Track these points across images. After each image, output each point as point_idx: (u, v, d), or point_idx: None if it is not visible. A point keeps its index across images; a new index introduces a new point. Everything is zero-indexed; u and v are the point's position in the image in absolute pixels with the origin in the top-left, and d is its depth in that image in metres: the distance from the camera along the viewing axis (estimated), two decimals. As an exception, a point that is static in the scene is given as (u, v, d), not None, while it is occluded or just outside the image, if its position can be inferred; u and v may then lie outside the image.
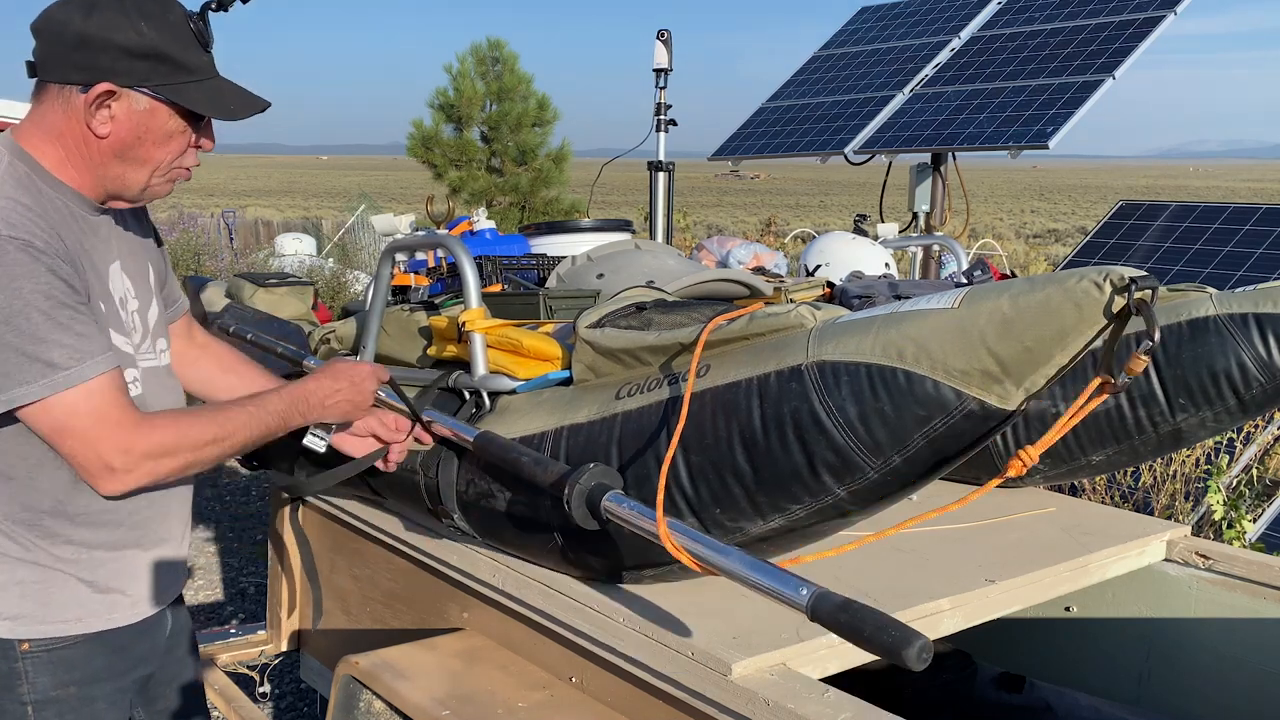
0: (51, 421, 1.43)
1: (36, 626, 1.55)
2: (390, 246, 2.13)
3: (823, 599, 1.20)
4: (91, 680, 1.61)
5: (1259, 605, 2.03)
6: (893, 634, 1.12)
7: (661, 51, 4.82)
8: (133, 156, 1.53)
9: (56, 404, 1.42)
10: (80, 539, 1.57)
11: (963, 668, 2.32)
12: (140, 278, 1.68)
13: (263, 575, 4.81)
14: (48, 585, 1.56)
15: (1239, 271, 4.74)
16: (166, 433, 1.50)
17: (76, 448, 1.44)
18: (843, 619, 1.17)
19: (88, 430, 1.43)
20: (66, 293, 1.43)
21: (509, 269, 2.64)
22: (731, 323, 1.54)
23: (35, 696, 1.57)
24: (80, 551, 1.57)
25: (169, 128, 1.53)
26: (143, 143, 1.52)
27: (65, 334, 1.41)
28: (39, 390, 1.40)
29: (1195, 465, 3.99)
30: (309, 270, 10.23)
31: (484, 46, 13.12)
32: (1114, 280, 1.20)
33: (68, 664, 1.58)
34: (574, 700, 1.72)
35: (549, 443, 1.70)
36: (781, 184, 78.44)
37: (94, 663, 1.61)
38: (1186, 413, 2.02)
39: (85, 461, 1.45)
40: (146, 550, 1.66)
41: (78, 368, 1.42)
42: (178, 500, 1.71)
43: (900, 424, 1.32)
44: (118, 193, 1.57)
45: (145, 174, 1.55)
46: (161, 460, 1.49)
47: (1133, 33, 5.19)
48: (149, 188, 1.58)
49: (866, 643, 1.14)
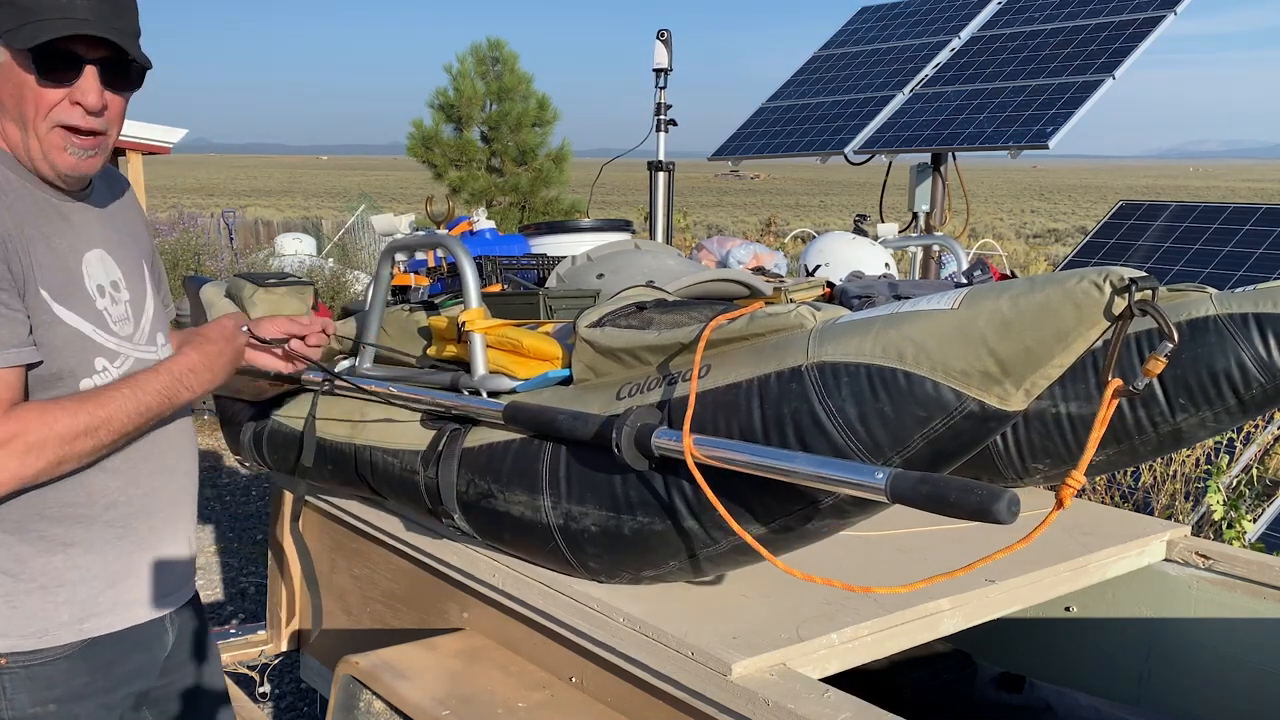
0: None
1: (11, 640, 1.49)
2: (390, 246, 2.13)
3: (900, 478, 1.22)
4: (72, 698, 1.54)
5: (1259, 605, 2.03)
6: (978, 494, 1.14)
7: (661, 51, 4.82)
8: (13, 115, 1.45)
9: None
10: (54, 537, 1.50)
11: (963, 668, 2.32)
12: (133, 271, 1.64)
13: (263, 575, 4.81)
14: (19, 595, 1.49)
15: (1239, 271, 4.74)
16: (29, 427, 1.38)
17: None
18: (925, 490, 1.19)
19: None
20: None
21: (509, 269, 2.64)
22: (732, 322, 1.54)
23: (13, 714, 1.50)
24: (54, 556, 1.50)
25: (20, 79, 1.42)
26: (13, 100, 1.44)
27: None
28: None
29: (1195, 465, 3.99)
30: (309, 270, 10.23)
31: (484, 46, 13.12)
32: (1114, 281, 1.20)
33: (47, 681, 1.51)
34: (574, 700, 1.72)
35: (549, 444, 1.70)
36: (781, 184, 78.44)
37: (75, 680, 1.54)
38: (1186, 413, 2.02)
39: None
40: (130, 552, 1.58)
41: None
42: (163, 498, 1.63)
43: (900, 425, 1.32)
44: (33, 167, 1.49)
45: (29, 137, 1.46)
46: (26, 458, 1.38)
47: (1133, 33, 5.19)
48: (47, 154, 1.47)
49: (954, 507, 1.16)
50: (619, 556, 1.63)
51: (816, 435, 1.36)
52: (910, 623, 1.68)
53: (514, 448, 1.74)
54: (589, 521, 1.62)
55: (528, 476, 1.70)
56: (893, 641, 1.66)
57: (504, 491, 1.74)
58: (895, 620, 1.65)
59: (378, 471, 2.01)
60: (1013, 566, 1.87)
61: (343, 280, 10.00)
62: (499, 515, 1.76)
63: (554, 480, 1.66)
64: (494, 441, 1.78)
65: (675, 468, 1.50)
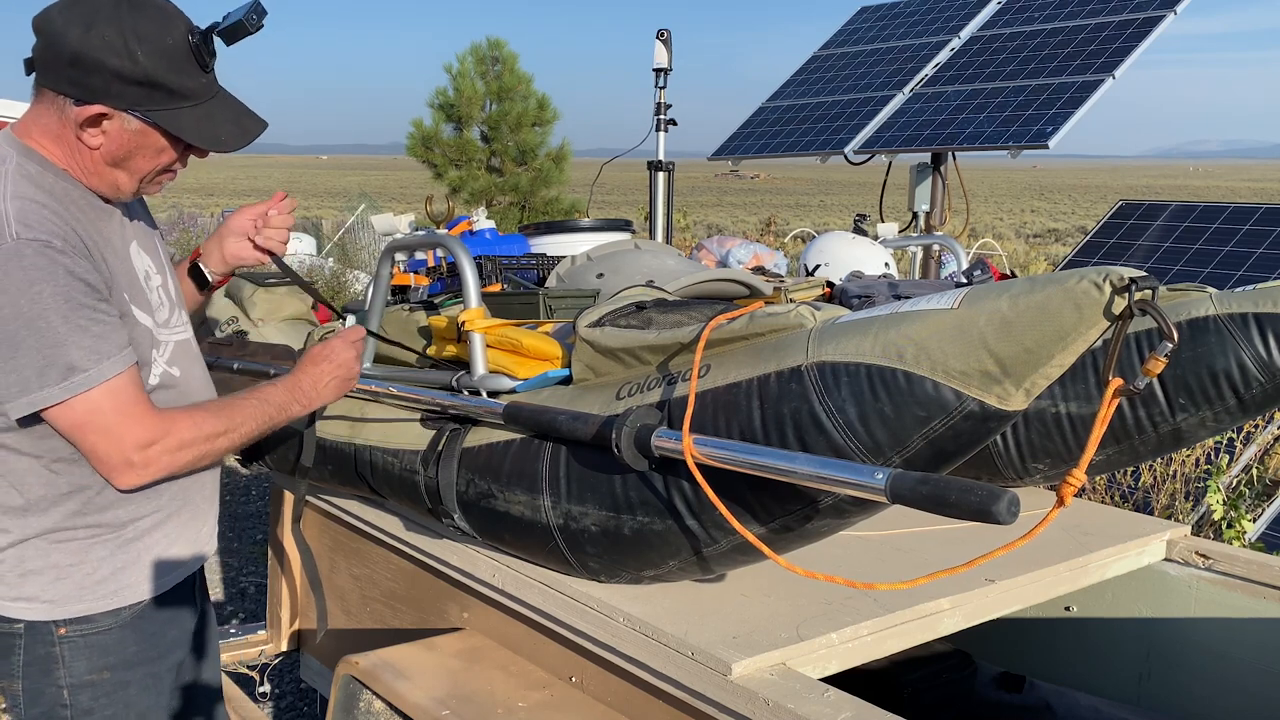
0: (73, 419, 1.46)
1: (73, 606, 1.59)
2: (390, 246, 2.13)
3: (899, 478, 1.22)
4: (125, 665, 1.65)
5: (1259, 605, 2.03)
6: (978, 494, 1.14)
7: (661, 51, 4.82)
8: (124, 166, 1.56)
9: (79, 403, 1.46)
10: (116, 519, 1.60)
11: (963, 668, 2.32)
12: (157, 256, 1.73)
13: (263, 575, 4.81)
14: (82, 566, 1.59)
15: (1239, 271, 4.74)
16: (183, 428, 1.54)
17: (98, 443, 1.48)
18: (925, 490, 1.18)
19: (110, 427, 1.47)
20: (85, 292, 1.46)
21: (509, 269, 2.64)
22: (732, 322, 1.54)
23: (71, 680, 1.61)
24: (114, 530, 1.60)
25: (159, 144, 1.55)
26: (133, 157, 1.55)
27: (83, 335, 1.44)
28: (59, 393, 1.44)
29: (1195, 465, 3.99)
30: (309, 270, 10.23)
31: (484, 46, 13.12)
32: (1114, 281, 1.20)
33: (102, 649, 1.62)
34: (574, 700, 1.72)
35: (549, 444, 1.70)
36: (781, 184, 78.43)
37: (127, 648, 1.65)
38: (1186, 413, 2.02)
39: (106, 456, 1.49)
40: (181, 522, 1.70)
41: (96, 369, 1.45)
42: (211, 472, 1.77)
43: (900, 425, 1.32)
44: (108, 194, 1.59)
45: (135, 181, 1.58)
46: (177, 454, 1.54)
47: (1133, 33, 5.19)
48: (138, 191, 1.61)
49: (954, 508, 1.15)
50: (619, 556, 1.63)
51: (816, 435, 1.36)
52: (910, 622, 1.68)
53: (514, 447, 1.74)
54: (589, 521, 1.62)
55: (528, 476, 1.70)
56: (893, 641, 1.66)
57: (504, 491, 1.74)
58: (895, 620, 1.65)
59: (378, 471, 2.01)
60: (1013, 566, 1.87)
61: (343, 280, 10.00)
62: (499, 515, 1.76)
63: (554, 480, 1.66)
64: (494, 441, 1.78)
65: (675, 468, 1.50)
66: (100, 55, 1.44)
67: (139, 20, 1.47)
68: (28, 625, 1.59)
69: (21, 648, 1.60)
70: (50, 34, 1.46)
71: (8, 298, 1.40)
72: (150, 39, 1.47)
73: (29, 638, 1.59)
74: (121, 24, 1.45)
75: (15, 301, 1.40)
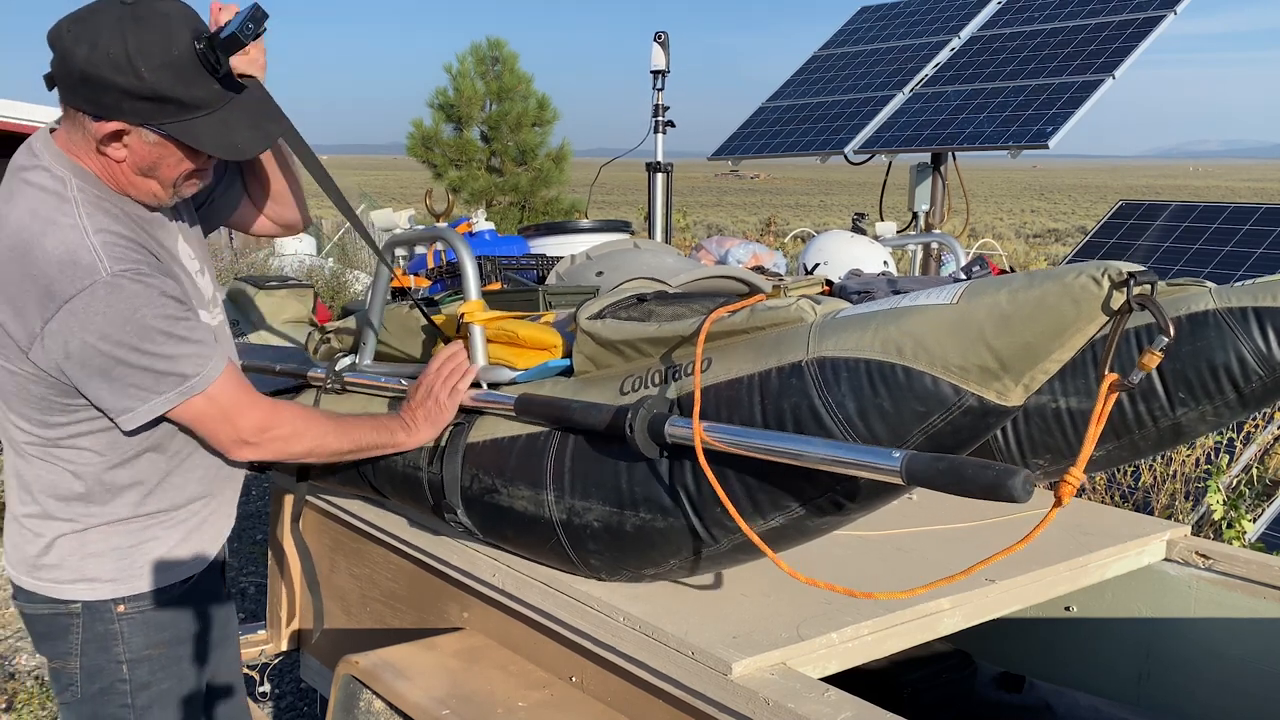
0: (193, 415, 1.62)
1: (132, 583, 1.70)
2: (390, 241, 2.13)
3: (914, 459, 1.23)
4: (179, 640, 1.77)
5: (1259, 605, 2.03)
6: (993, 472, 1.15)
7: (659, 53, 4.82)
8: (153, 175, 1.59)
9: (194, 403, 1.60)
10: (173, 503, 1.73)
11: (963, 668, 2.32)
12: (198, 243, 1.80)
13: (263, 575, 4.81)
14: (140, 547, 1.71)
15: (1239, 271, 4.74)
16: (298, 420, 1.72)
17: (218, 429, 1.64)
18: (941, 468, 1.19)
19: (227, 414, 1.63)
20: (178, 308, 1.56)
21: (509, 269, 2.64)
22: (732, 315, 1.53)
23: (130, 655, 1.71)
24: (168, 514, 1.73)
25: (180, 154, 1.57)
26: (159, 167, 1.58)
27: (187, 345, 1.56)
28: (175, 399, 1.58)
29: (1195, 465, 3.99)
30: (309, 270, 10.24)
31: (484, 46, 13.13)
32: (1112, 276, 1.19)
33: (158, 624, 1.74)
34: (574, 700, 1.72)
35: (555, 438, 1.70)
36: (781, 184, 78.45)
37: (180, 624, 1.77)
38: (1186, 407, 2.02)
39: (225, 439, 1.66)
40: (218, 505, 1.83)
41: (204, 372, 1.59)
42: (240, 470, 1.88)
43: (899, 420, 1.31)
44: (149, 203, 1.64)
45: (169, 188, 1.62)
46: (291, 442, 1.71)
47: (1133, 33, 5.19)
48: (175, 194, 1.64)
49: (970, 485, 1.16)
50: (621, 553, 1.63)
51: (816, 430, 1.36)
52: (910, 622, 1.68)
53: (519, 443, 1.74)
54: (592, 517, 1.62)
55: (532, 471, 1.70)
56: (893, 641, 1.66)
57: (507, 486, 1.73)
58: (895, 620, 1.65)
59: (379, 468, 2.01)
60: (1012, 566, 1.87)
61: (343, 280, 10.00)
62: (502, 511, 1.76)
63: (558, 475, 1.66)
64: (498, 436, 1.78)
65: (681, 463, 1.50)
66: (107, 74, 1.44)
67: (143, 34, 1.44)
68: (85, 605, 1.68)
69: (80, 626, 1.69)
70: (61, 51, 1.46)
71: (115, 326, 1.50)
72: (154, 54, 1.45)
73: (87, 617, 1.68)
74: (125, 40, 1.43)
75: (122, 329, 1.50)
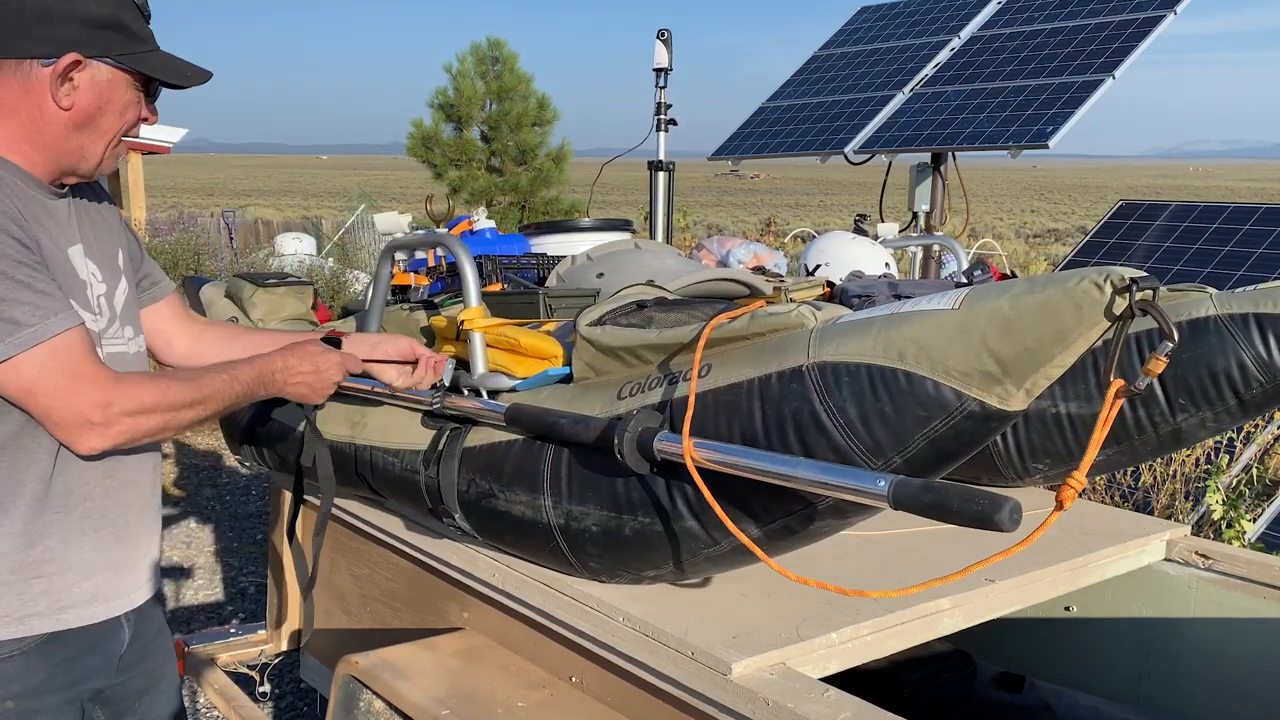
0: (21, 381, 1.39)
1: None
2: (390, 245, 2.13)
3: (902, 485, 1.22)
4: (32, 694, 1.54)
5: (1259, 605, 2.03)
6: (980, 502, 1.14)
7: (661, 51, 4.82)
8: (92, 127, 1.54)
9: (24, 362, 1.38)
10: (32, 531, 1.51)
11: (963, 667, 2.32)
12: (108, 261, 1.65)
13: (263, 575, 4.81)
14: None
15: (1239, 271, 4.74)
16: (146, 390, 1.47)
17: (51, 405, 1.41)
18: (928, 498, 1.19)
19: (61, 387, 1.40)
20: (23, 253, 1.41)
21: (509, 268, 2.64)
22: (733, 321, 1.54)
23: None
24: (32, 548, 1.51)
25: (127, 98, 1.55)
26: (103, 113, 1.54)
27: (26, 292, 1.39)
28: (4, 349, 1.37)
29: (1195, 465, 3.99)
30: (309, 270, 10.23)
31: (484, 46, 13.13)
32: (1114, 281, 1.19)
33: (6, 677, 1.52)
34: (574, 700, 1.72)
35: (551, 444, 1.70)
36: (781, 184, 78.43)
37: (34, 676, 1.54)
38: (1186, 413, 2.02)
39: (61, 418, 1.41)
40: (100, 546, 1.59)
41: (41, 324, 1.39)
42: (136, 491, 1.65)
43: (901, 425, 1.32)
44: (73, 167, 1.56)
45: (103, 145, 1.56)
46: (140, 418, 1.46)
47: (1133, 33, 5.19)
48: (103, 161, 1.58)
49: (957, 515, 1.16)
50: (620, 557, 1.63)
51: (817, 435, 1.36)
52: (910, 622, 1.68)
53: (515, 447, 1.74)
54: (590, 522, 1.62)
55: (529, 476, 1.70)
56: (893, 641, 1.66)
57: (505, 491, 1.74)
58: (895, 620, 1.65)
59: (378, 471, 2.01)
60: (1013, 566, 1.87)
61: (342, 280, 9.99)
62: (500, 515, 1.76)
63: (555, 480, 1.66)
64: (495, 441, 1.78)
65: (677, 469, 1.50)
66: (68, 4, 1.48)
67: None
68: None
69: None
70: (9, 4, 1.47)
71: None
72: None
73: None
74: None
75: None
